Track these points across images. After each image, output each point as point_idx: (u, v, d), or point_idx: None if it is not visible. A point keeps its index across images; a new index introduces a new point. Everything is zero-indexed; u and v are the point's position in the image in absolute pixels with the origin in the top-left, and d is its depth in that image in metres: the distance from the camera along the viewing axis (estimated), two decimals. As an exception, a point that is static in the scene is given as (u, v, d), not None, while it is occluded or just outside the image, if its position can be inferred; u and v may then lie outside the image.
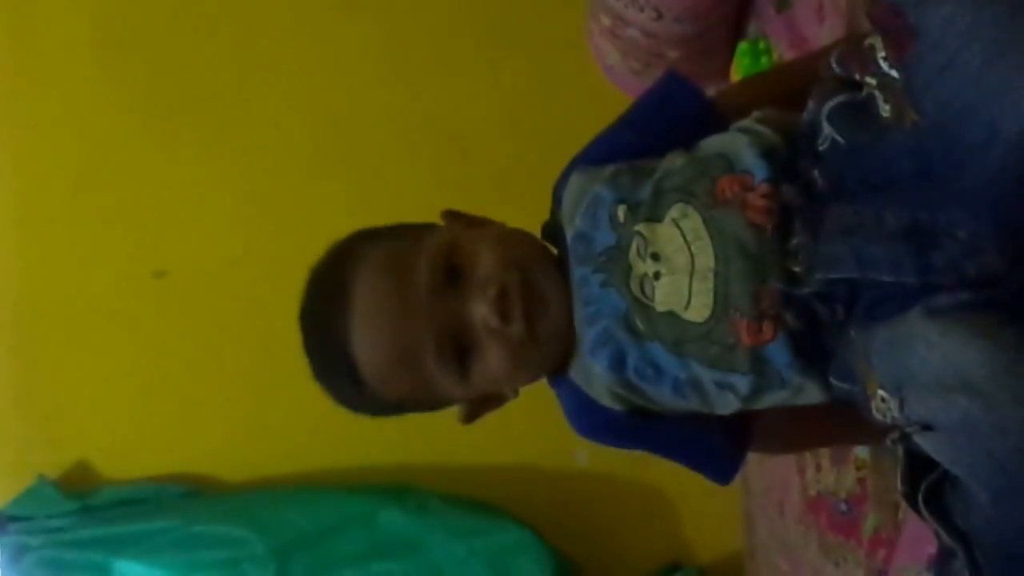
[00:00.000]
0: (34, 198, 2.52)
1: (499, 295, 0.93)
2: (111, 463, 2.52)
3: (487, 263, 0.95)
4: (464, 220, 1.04)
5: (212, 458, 2.52)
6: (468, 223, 1.03)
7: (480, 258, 0.96)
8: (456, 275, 0.95)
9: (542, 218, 1.04)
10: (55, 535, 2.40)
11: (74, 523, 2.41)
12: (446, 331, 0.94)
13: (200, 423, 2.50)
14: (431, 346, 0.94)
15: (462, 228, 1.02)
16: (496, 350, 0.94)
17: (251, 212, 2.49)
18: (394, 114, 2.48)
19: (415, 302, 0.94)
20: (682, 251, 0.89)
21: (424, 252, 0.96)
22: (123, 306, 2.51)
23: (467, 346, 0.95)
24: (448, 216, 1.04)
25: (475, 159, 2.45)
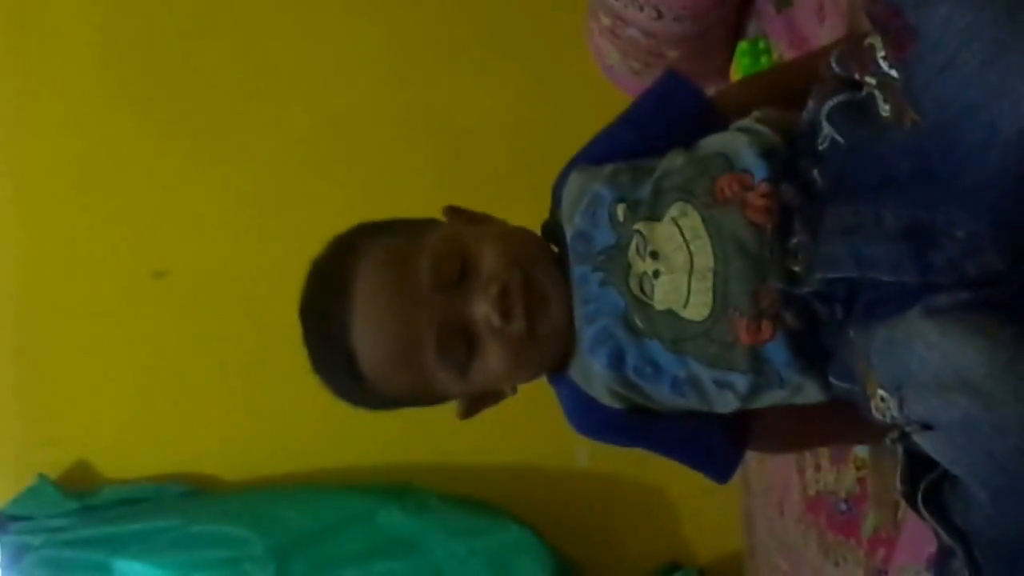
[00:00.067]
0: (34, 198, 2.52)
1: (501, 293, 0.93)
2: (111, 463, 2.52)
3: (489, 261, 0.95)
4: (465, 216, 1.04)
5: (212, 458, 2.52)
6: (469, 219, 1.03)
7: (482, 256, 0.96)
8: (458, 272, 0.95)
9: (542, 217, 1.04)
10: (55, 535, 2.40)
11: (74, 523, 2.41)
12: (447, 328, 0.94)
13: (200, 423, 2.50)
14: (431, 342, 0.94)
15: (464, 224, 1.02)
16: (497, 348, 0.94)
17: (251, 212, 2.49)
18: (394, 114, 2.48)
19: (416, 298, 0.94)
20: (681, 250, 0.89)
21: (426, 248, 0.96)
22: (123, 306, 2.51)
23: (467, 343, 0.95)
24: (450, 212, 1.04)
25: (475, 158, 2.45)
